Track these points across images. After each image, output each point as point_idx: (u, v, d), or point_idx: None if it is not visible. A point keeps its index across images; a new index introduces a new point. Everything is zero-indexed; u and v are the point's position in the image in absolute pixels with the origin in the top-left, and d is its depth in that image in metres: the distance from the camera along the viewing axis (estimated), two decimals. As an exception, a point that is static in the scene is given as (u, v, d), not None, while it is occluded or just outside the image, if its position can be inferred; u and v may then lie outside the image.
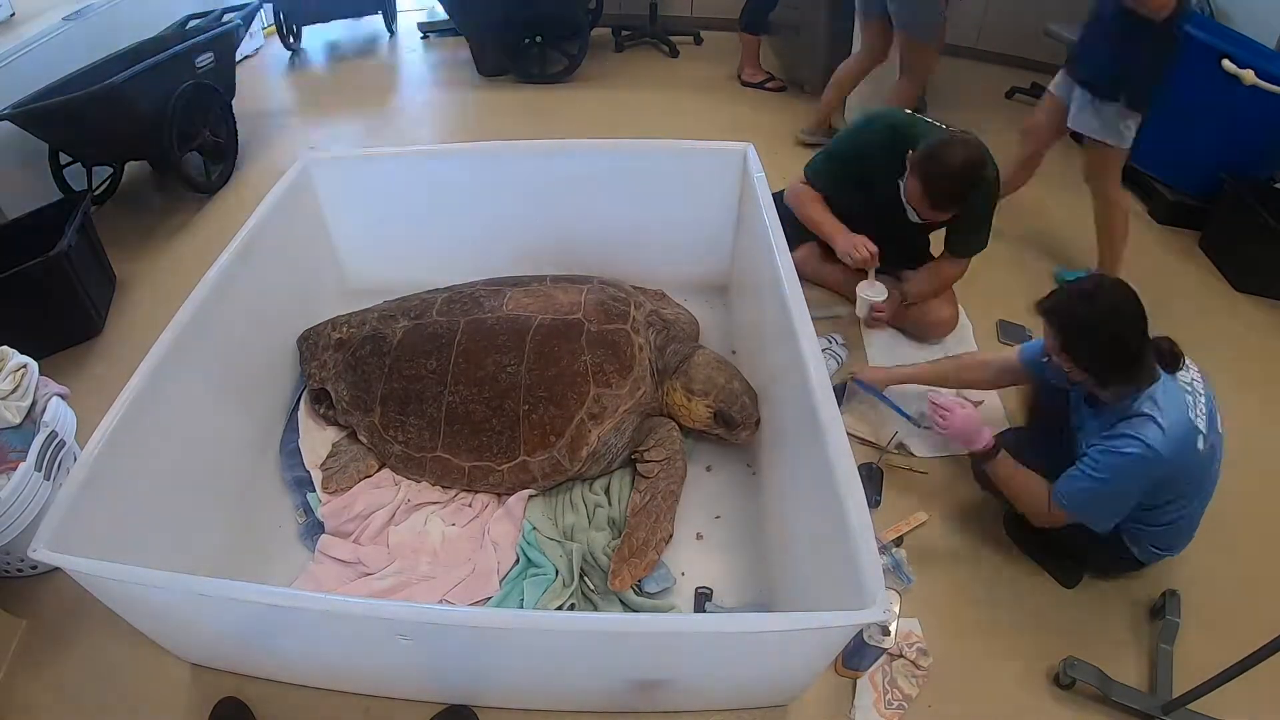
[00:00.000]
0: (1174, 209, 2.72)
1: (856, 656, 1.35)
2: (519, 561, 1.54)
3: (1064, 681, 1.38)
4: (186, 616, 1.25)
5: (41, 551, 1.06)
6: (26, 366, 1.60)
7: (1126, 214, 2.21)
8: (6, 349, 1.62)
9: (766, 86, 3.66)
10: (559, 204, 2.07)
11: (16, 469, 1.43)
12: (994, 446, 1.49)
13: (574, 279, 1.90)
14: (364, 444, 1.73)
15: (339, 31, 4.48)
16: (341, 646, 1.25)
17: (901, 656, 1.42)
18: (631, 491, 1.62)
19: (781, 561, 1.48)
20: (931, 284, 2.09)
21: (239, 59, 3.96)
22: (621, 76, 3.84)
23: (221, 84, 2.93)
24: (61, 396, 1.62)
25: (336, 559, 1.54)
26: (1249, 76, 2.32)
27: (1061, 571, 1.57)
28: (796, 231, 2.12)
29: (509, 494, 1.64)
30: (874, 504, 1.69)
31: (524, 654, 1.20)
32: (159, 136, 2.57)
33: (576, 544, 1.53)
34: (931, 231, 2.13)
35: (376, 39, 4.43)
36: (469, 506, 1.66)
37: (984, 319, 2.24)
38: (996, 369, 1.71)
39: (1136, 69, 1.94)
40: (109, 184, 2.86)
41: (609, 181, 2.02)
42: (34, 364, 1.61)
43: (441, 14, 4.34)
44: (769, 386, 1.67)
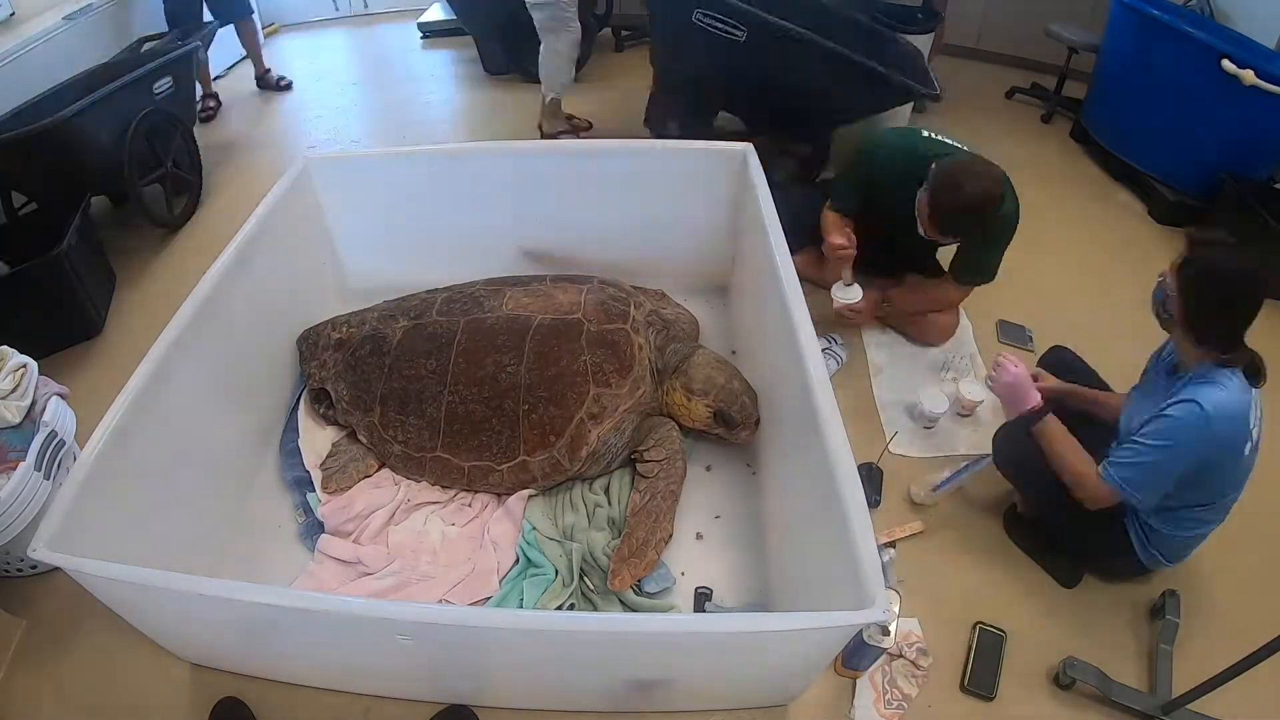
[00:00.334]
0: (1174, 209, 2.72)
1: (856, 656, 1.35)
2: (519, 561, 1.54)
3: (1064, 681, 1.38)
4: (186, 616, 1.25)
5: (41, 551, 1.06)
6: (26, 366, 1.60)
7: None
8: (6, 349, 1.62)
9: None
10: (559, 204, 2.07)
11: (16, 469, 1.43)
12: (1042, 407, 1.47)
13: (574, 279, 1.90)
14: (364, 444, 1.73)
15: (339, 31, 4.48)
16: (341, 646, 1.25)
17: (901, 656, 1.42)
18: (631, 491, 1.62)
19: (781, 561, 1.48)
20: (917, 301, 2.08)
21: (233, 64, 3.97)
22: (622, 76, 3.84)
23: (182, 111, 2.73)
24: (61, 396, 1.62)
25: (336, 559, 1.54)
26: (1249, 76, 2.32)
27: (1061, 571, 1.58)
28: (797, 233, 2.11)
29: (509, 494, 1.64)
30: (874, 504, 1.69)
31: (524, 654, 1.20)
32: (116, 170, 2.40)
33: (576, 544, 1.53)
34: (940, 248, 2.11)
35: (377, 39, 4.44)
36: (469, 506, 1.66)
37: (984, 319, 2.24)
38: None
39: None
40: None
41: (609, 182, 2.02)
42: (34, 364, 1.61)
43: (441, 14, 4.35)
44: (769, 386, 1.67)
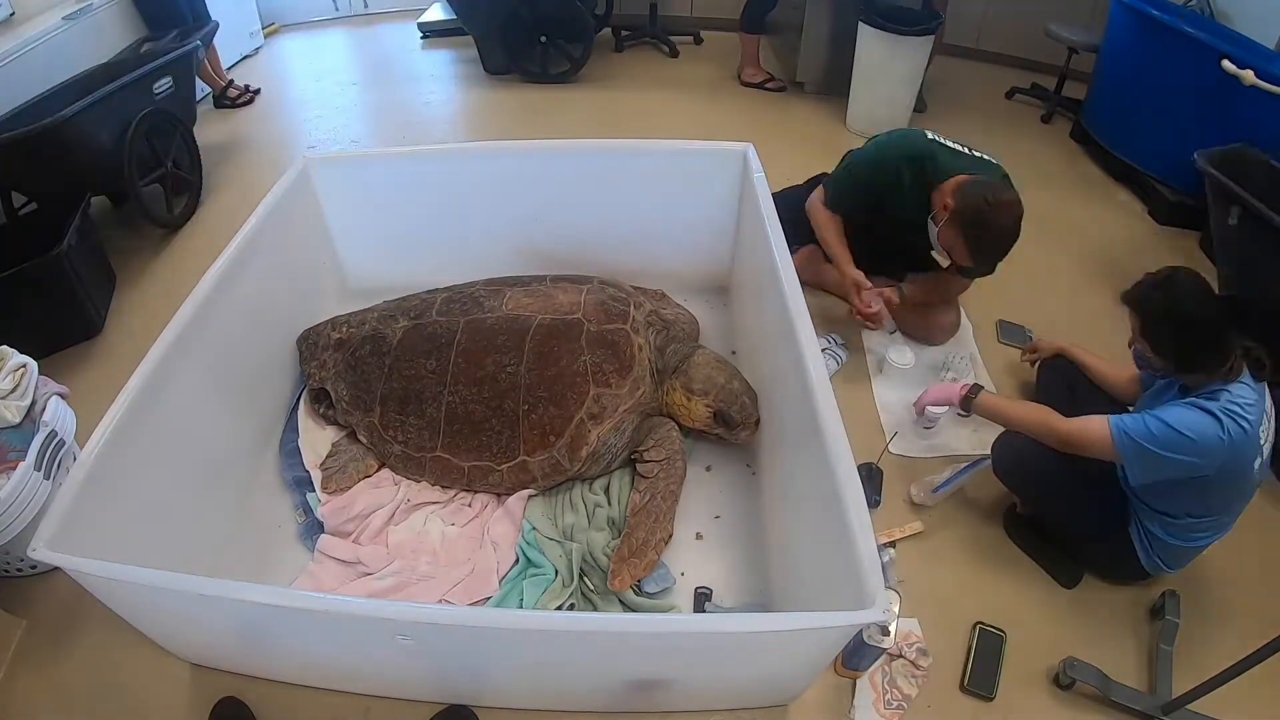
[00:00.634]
0: (1174, 209, 2.72)
1: (856, 656, 1.35)
2: (518, 561, 1.54)
3: (1064, 681, 1.38)
4: (186, 616, 1.25)
5: (41, 551, 1.06)
6: (26, 366, 1.59)
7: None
8: (6, 348, 1.61)
9: (766, 86, 3.67)
10: (559, 204, 2.07)
11: (16, 468, 1.43)
12: (971, 386, 1.63)
13: (574, 279, 1.90)
14: (364, 444, 1.73)
15: (339, 31, 4.48)
16: (341, 646, 1.25)
17: (901, 656, 1.42)
18: (631, 491, 1.62)
19: (781, 561, 1.48)
20: (929, 293, 2.11)
21: (237, 60, 3.98)
22: (622, 76, 3.85)
23: (182, 111, 2.73)
24: (61, 396, 1.62)
25: (336, 559, 1.54)
26: (1249, 76, 2.32)
27: (1061, 572, 1.58)
28: (797, 233, 2.11)
29: (509, 494, 1.64)
30: (874, 504, 1.69)
31: (524, 654, 1.20)
32: (116, 170, 2.41)
33: (576, 544, 1.53)
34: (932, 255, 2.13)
35: (377, 39, 4.44)
36: (469, 506, 1.66)
37: (984, 319, 2.24)
38: (1128, 378, 1.70)
39: None
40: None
41: (609, 181, 2.02)
42: (34, 363, 1.61)
43: (441, 14, 4.35)
44: (769, 386, 1.67)
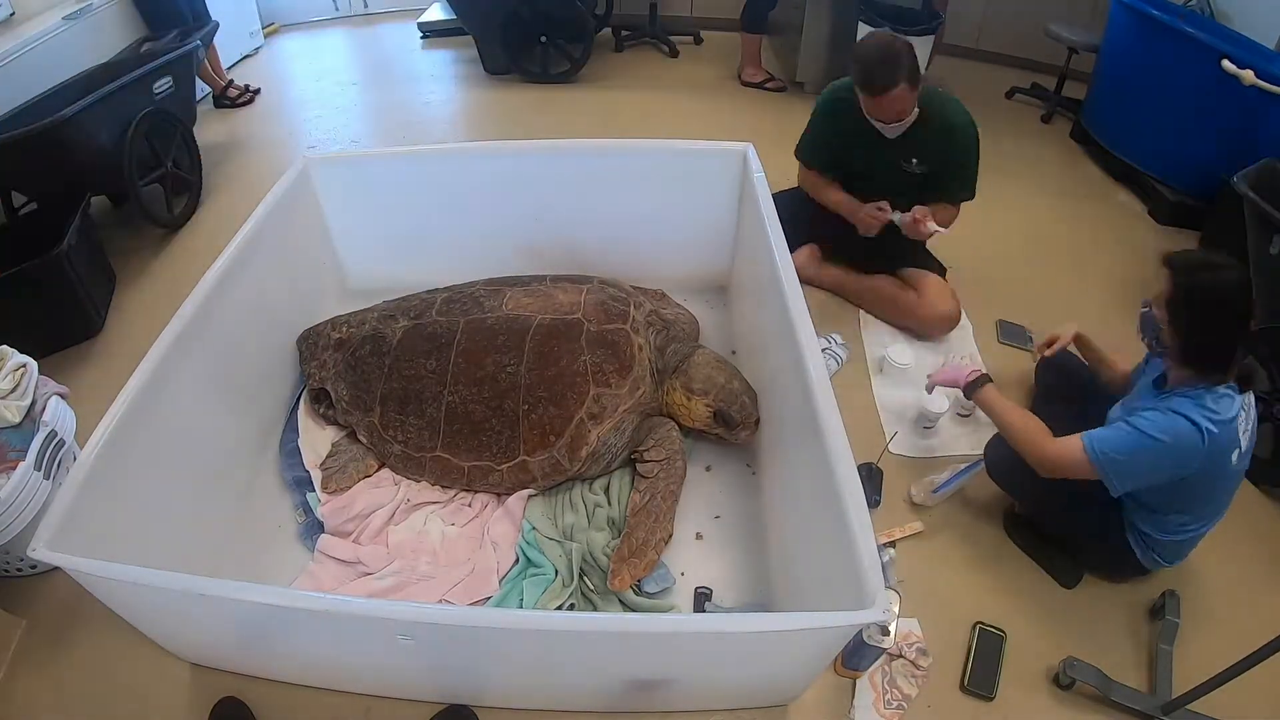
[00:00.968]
0: (1174, 209, 2.72)
1: (856, 656, 1.35)
2: (518, 561, 1.54)
3: (1064, 681, 1.38)
4: (186, 616, 1.25)
5: (41, 551, 1.06)
6: (26, 366, 1.59)
7: None
8: (6, 348, 1.61)
9: (766, 86, 3.67)
10: (559, 204, 2.07)
11: (16, 468, 1.43)
12: (981, 375, 1.58)
13: (574, 279, 1.90)
14: (364, 444, 1.73)
15: (339, 31, 4.48)
16: (341, 646, 1.25)
17: (901, 656, 1.42)
18: (631, 491, 1.62)
19: (781, 561, 1.48)
20: (941, 216, 2.08)
21: (237, 60, 3.98)
22: (622, 76, 3.84)
23: (182, 111, 2.74)
24: (61, 396, 1.62)
25: (336, 559, 1.54)
26: (1249, 76, 2.32)
27: (1061, 572, 1.58)
28: (796, 232, 2.11)
29: (509, 494, 1.64)
30: (874, 504, 1.69)
31: (524, 654, 1.20)
32: (116, 170, 2.41)
33: (576, 544, 1.53)
34: (924, 191, 2.09)
35: (377, 39, 4.44)
36: (469, 506, 1.66)
37: (984, 319, 2.24)
38: (1125, 372, 1.70)
39: None
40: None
41: (609, 181, 2.02)
42: (34, 363, 1.61)
43: (441, 14, 4.35)
44: (769, 386, 1.67)
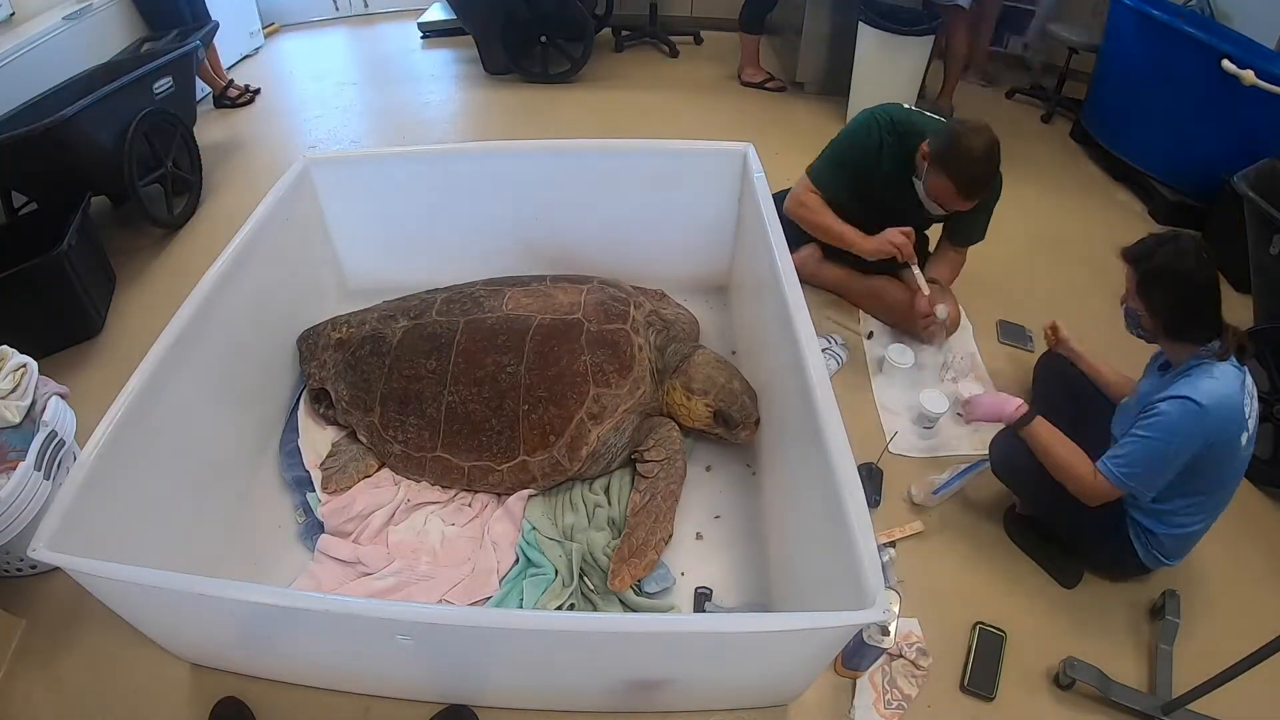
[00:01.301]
0: (1174, 209, 2.72)
1: (856, 656, 1.35)
2: (518, 561, 1.54)
3: (1064, 681, 1.38)
4: (186, 616, 1.25)
5: (41, 551, 1.06)
6: (26, 366, 1.60)
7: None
8: (6, 348, 1.61)
9: (766, 86, 3.66)
10: (559, 204, 2.07)
11: (16, 468, 1.43)
12: (1030, 411, 1.48)
13: (574, 279, 1.90)
14: (364, 444, 1.73)
15: (339, 31, 4.48)
16: (341, 646, 1.25)
17: (901, 656, 1.42)
18: (631, 491, 1.62)
19: (781, 561, 1.48)
20: (951, 270, 2.12)
21: (237, 60, 3.98)
22: (622, 76, 3.84)
23: (182, 111, 2.75)
24: (61, 396, 1.62)
25: (336, 559, 1.54)
26: (1249, 76, 2.32)
27: (1061, 571, 1.58)
28: (796, 232, 2.11)
29: (509, 494, 1.64)
30: (874, 504, 1.69)
31: (524, 654, 1.20)
32: (116, 170, 2.42)
33: (576, 544, 1.53)
34: (932, 225, 2.14)
35: (377, 39, 4.44)
36: (469, 506, 1.66)
37: (984, 319, 2.24)
38: (1122, 381, 1.70)
39: None
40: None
41: (609, 181, 2.02)
42: (34, 363, 1.61)
43: (441, 14, 4.35)
44: (769, 386, 1.67)
